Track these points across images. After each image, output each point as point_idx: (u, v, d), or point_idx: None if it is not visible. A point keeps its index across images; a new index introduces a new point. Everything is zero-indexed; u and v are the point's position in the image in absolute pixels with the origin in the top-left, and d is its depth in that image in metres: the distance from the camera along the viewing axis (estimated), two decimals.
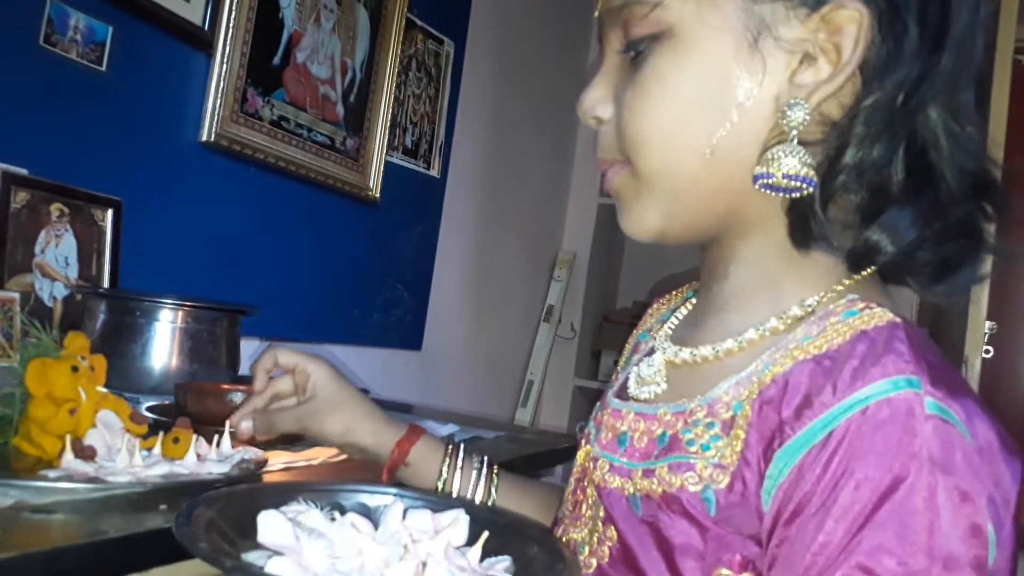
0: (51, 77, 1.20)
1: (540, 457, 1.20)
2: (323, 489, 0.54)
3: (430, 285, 2.15)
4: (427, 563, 0.44)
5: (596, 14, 0.55)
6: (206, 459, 0.71)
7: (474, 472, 0.74)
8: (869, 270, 0.51)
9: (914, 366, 0.43)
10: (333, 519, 0.47)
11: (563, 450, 1.27)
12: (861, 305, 0.48)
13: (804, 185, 0.47)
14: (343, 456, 0.88)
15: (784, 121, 0.48)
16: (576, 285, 2.88)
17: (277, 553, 0.44)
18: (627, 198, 0.54)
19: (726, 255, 0.54)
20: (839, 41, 0.47)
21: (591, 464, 0.56)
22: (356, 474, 0.84)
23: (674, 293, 0.69)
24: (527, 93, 2.52)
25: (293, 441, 0.88)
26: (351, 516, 0.47)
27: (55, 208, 1.20)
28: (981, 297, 2.18)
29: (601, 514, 0.54)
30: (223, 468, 0.70)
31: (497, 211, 2.46)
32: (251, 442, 0.77)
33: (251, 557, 0.44)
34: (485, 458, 0.75)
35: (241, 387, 0.93)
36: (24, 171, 1.16)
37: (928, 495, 0.40)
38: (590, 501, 0.55)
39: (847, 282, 0.51)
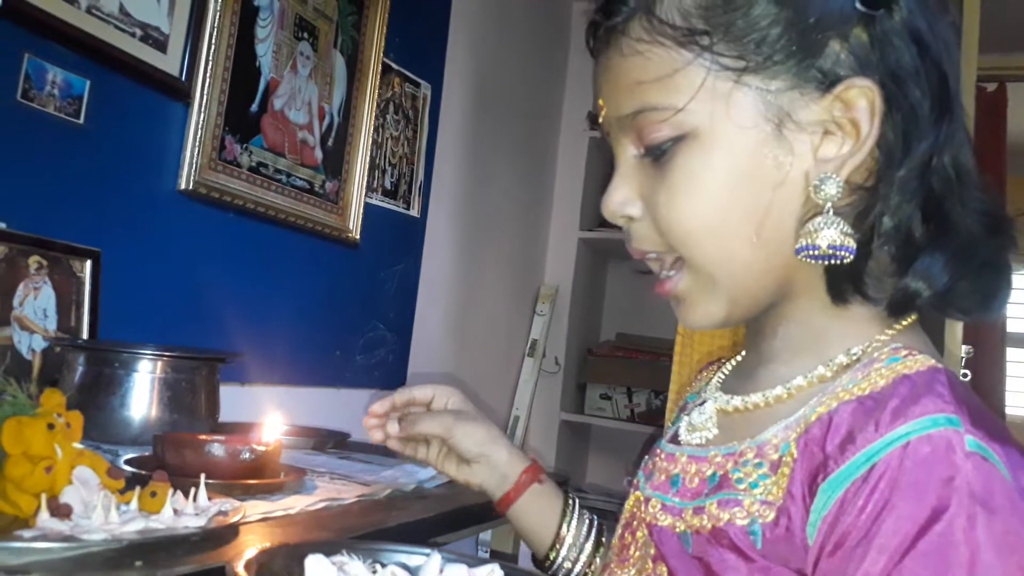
0: (29, 131, 1.21)
1: None
2: (364, 548, 0.56)
3: (412, 324, 2.15)
4: None
5: (600, 120, 0.57)
6: (183, 512, 0.72)
7: (586, 522, 0.78)
8: (911, 319, 0.55)
9: (955, 407, 0.44)
10: (375, 572, 0.50)
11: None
12: (904, 352, 0.51)
13: (846, 253, 0.51)
14: (320, 505, 0.88)
15: (817, 195, 0.51)
16: (559, 319, 2.90)
17: None
18: (691, 296, 0.57)
19: (773, 317, 0.58)
20: (854, 116, 0.51)
21: (642, 506, 0.59)
22: (334, 524, 0.84)
23: (722, 360, 0.72)
24: (504, 131, 2.56)
25: (272, 491, 0.88)
26: (392, 567, 0.50)
27: (33, 261, 1.21)
28: (956, 321, 2.21)
29: (652, 552, 0.56)
30: (200, 521, 0.71)
31: (478, 248, 2.48)
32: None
33: None
34: (595, 516, 0.80)
35: (219, 437, 0.93)
36: (2, 225, 1.17)
37: (968, 528, 0.41)
38: (640, 542, 0.58)
39: (890, 332, 0.54)
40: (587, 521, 0.81)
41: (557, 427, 2.90)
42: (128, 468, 0.86)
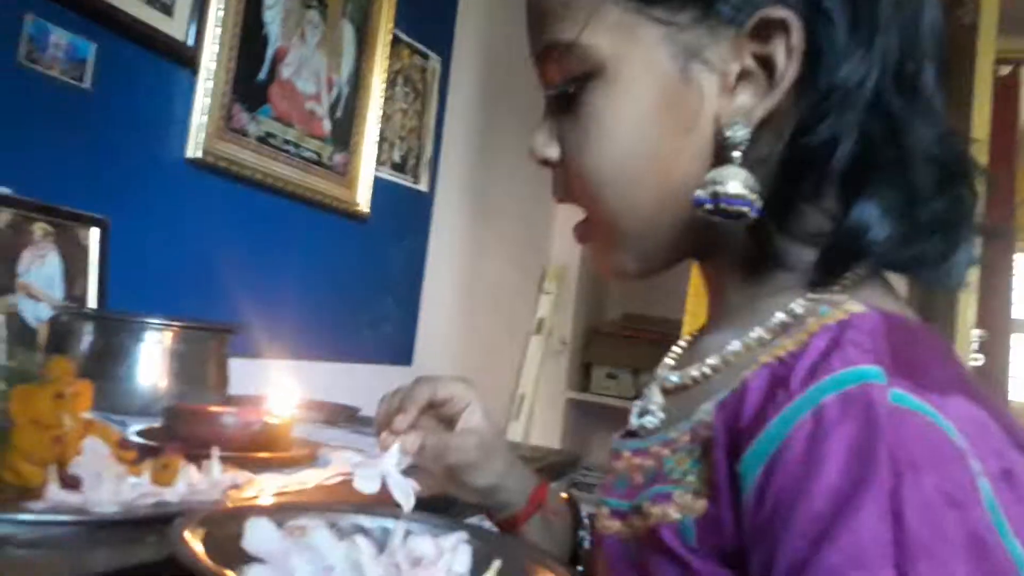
0: (33, 95, 1.18)
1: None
2: (325, 513, 0.53)
3: (419, 299, 2.13)
4: None
5: (529, 56, 0.53)
6: (196, 486, 0.69)
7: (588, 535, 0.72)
8: (864, 271, 0.47)
9: (874, 355, 0.38)
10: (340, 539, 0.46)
11: (557, 465, 1.25)
12: (838, 301, 0.44)
13: (746, 209, 0.45)
14: (336, 479, 0.86)
15: (725, 142, 0.46)
16: (566, 298, 2.87)
17: (259, 561, 0.42)
18: (600, 248, 0.53)
19: (719, 273, 0.52)
20: (771, 52, 0.45)
21: (597, 514, 0.53)
22: (350, 499, 0.82)
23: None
24: (514, 106, 2.52)
25: (286, 464, 0.86)
26: (357, 536, 0.46)
27: (39, 228, 1.18)
28: (968, 305, 2.19)
29: (605, 565, 0.51)
30: (213, 495, 0.68)
31: (486, 224, 2.45)
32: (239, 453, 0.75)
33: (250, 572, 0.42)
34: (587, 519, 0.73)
35: (231, 408, 0.91)
36: (7, 190, 1.14)
37: (893, 493, 0.34)
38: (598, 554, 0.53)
39: (840, 287, 0.46)
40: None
41: (563, 406, 2.88)
42: (139, 440, 0.84)
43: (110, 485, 0.65)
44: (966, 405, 0.38)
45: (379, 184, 1.90)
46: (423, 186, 2.10)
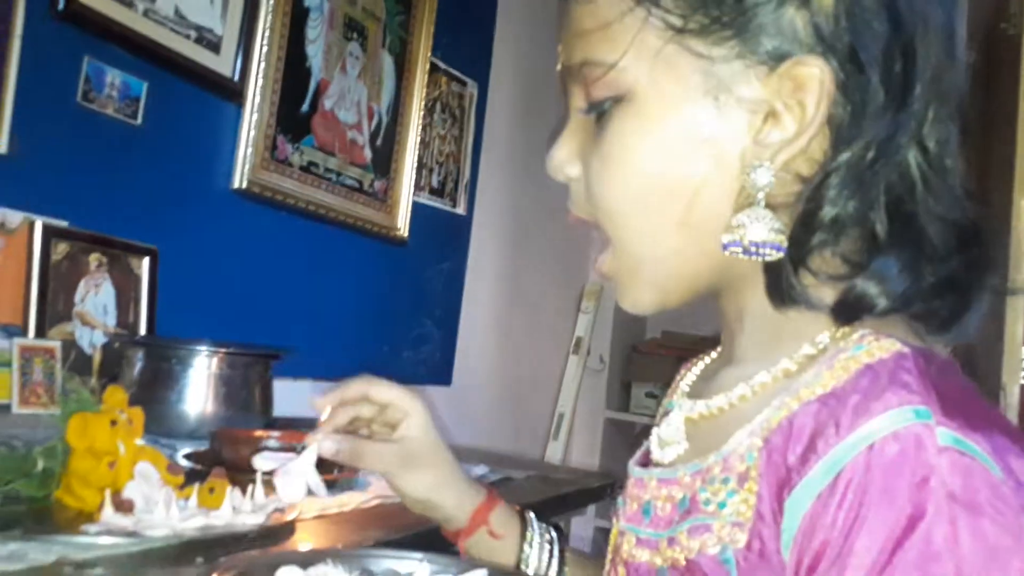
0: (88, 132, 1.24)
1: (571, 497, 1.20)
2: (351, 555, 0.55)
3: (458, 321, 2.16)
4: None
5: (558, 68, 0.53)
6: (241, 509, 0.73)
7: (547, 547, 0.71)
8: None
9: (922, 396, 0.39)
10: None
11: (595, 489, 1.26)
12: (871, 338, 0.45)
13: (772, 251, 0.46)
14: (376, 502, 0.89)
15: (748, 183, 0.46)
16: (604, 316, 2.88)
17: None
18: (620, 279, 0.53)
19: (739, 307, 0.52)
20: (802, 98, 0.45)
21: (621, 541, 0.54)
22: (389, 521, 0.85)
23: (700, 356, 0.66)
24: (549, 129, 2.54)
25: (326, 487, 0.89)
26: None
27: (94, 258, 1.24)
28: (1017, 324, 2.15)
29: None
30: (257, 518, 0.72)
31: (523, 245, 2.48)
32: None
33: None
34: (551, 529, 0.73)
35: (275, 433, 0.94)
36: (64, 223, 1.20)
37: (951, 536, 0.36)
38: None
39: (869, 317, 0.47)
40: (547, 548, 0.72)
41: (602, 425, 2.89)
42: (186, 463, 0.87)
43: (160, 508, 0.68)
44: (1005, 442, 0.39)
45: (418, 209, 1.94)
46: (461, 210, 2.14)
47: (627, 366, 3.01)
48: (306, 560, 0.48)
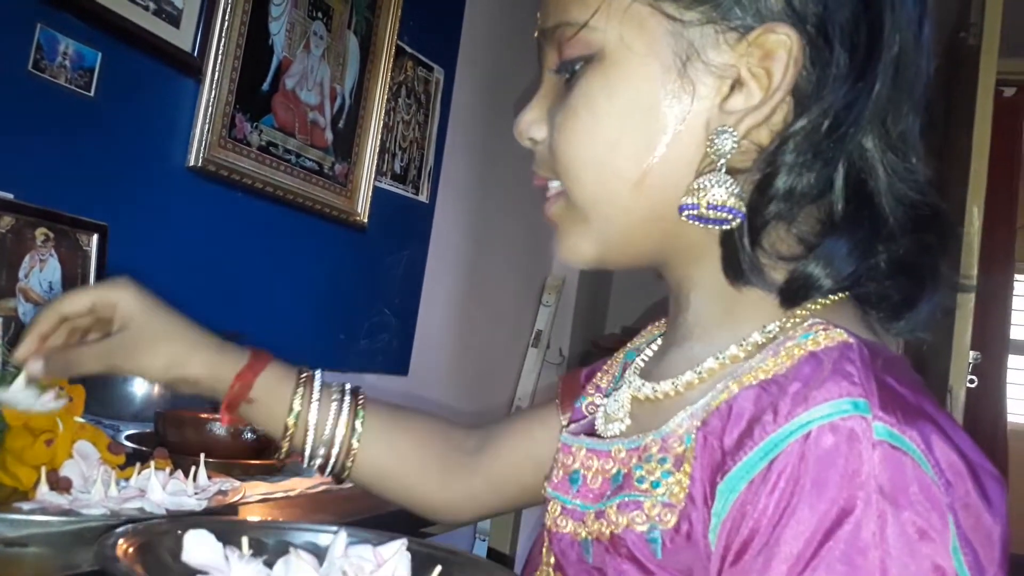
0: (39, 102, 1.20)
1: None
2: (269, 527, 0.53)
3: (417, 310, 2.15)
4: None
5: (535, 34, 0.54)
6: (182, 491, 0.71)
7: (334, 404, 0.65)
8: (841, 296, 0.48)
9: (863, 388, 0.39)
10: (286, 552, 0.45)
11: None
12: (819, 327, 0.45)
13: (731, 216, 0.46)
14: (323, 487, 0.87)
15: (711, 149, 0.46)
16: (565, 310, 2.89)
17: (203, 574, 0.42)
18: (563, 225, 0.53)
19: (685, 283, 0.52)
20: (770, 66, 0.46)
21: (546, 506, 0.53)
22: (337, 507, 0.84)
23: (649, 330, 0.66)
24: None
25: (272, 472, 0.88)
26: (293, 552, 0.45)
27: (40, 233, 1.20)
28: (965, 327, 2.19)
29: (552, 561, 0.51)
30: (199, 500, 0.70)
31: (485, 236, 2.47)
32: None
33: None
34: (347, 386, 0.67)
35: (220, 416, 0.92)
36: (10, 195, 1.16)
37: (878, 530, 0.36)
38: (544, 547, 0.53)
39: (813, 307, 0.48)
40: (335, 405, 0.66)
41: None
42: (129, 444, 0.85)
43: (98, 488, 0.66)
44: (938, 439, 0.39)
45: (379, 194, 1.92)
46: (423, 197, 2.12)
47: (586, 360, 3.01)
48: (220, 529, 0.46)
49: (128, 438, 0.88)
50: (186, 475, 0.73)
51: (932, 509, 0.37)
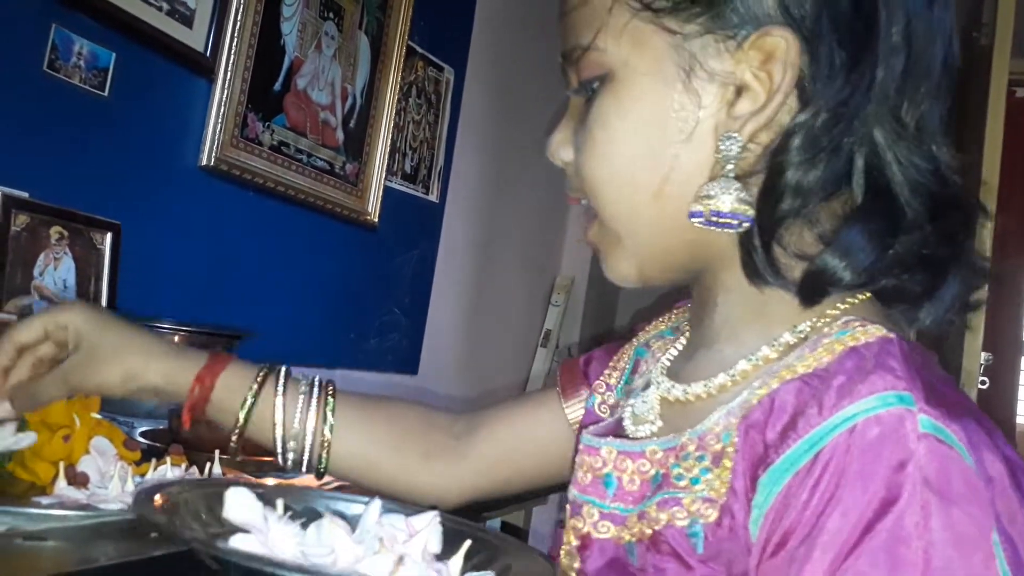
0: (54, 102, 1.21)
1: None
2: (301, 493, 0.54)
3: (427, 309, 2.15)
4: (404, 561, 0.42)
5: (559, 58, 0.55)
6: None
7: (302, 397, 0.64)
8: (865, 295, 0.49)
9: (907, 382, 0.40)
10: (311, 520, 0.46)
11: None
12: (856, 324, 0.45)
13: (739, 222, 0.47)
14: (335, 484, 0.88)
15: (719, 155, 0.47)
16: (574, 310, 2.89)
17: (243, 531, 0.43)
18: (603, 248, 0.54)
19: (713, 286, 0.53)
20: (770, 68, 0.46)
21: (577, 509, 0.53)
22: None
23: (674, 312, 0.66)
24: (526, 119, 2.54)
25: (283, 468, 0.88)
26: (327, 516, 0.46)
27: (55, 231, 1.21)
28: (978, 327, 2.19)
29: (576, 565, 0.51)
30: None
31: (495, 236, 2.47)
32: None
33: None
34: (317, 378, 0.66)
35: None
36: (25, 194, 1.17)
37: (922, 521, 0.36)
38: (570, 547, 0.53)
39: (843, 306, 0.48)
40: (303, 398, 0.65)
41: None
42: (143, 440, 0.86)
43: (115, 483, 0.67)
44: (980, 435, 0.40)
45: (390, 194, 1.92)
46: (434, 197, 2.12)
47: None
48: (256, 493, 0.46)
49: (143, 435, 0.89)
50: (200, 472, 0.74)
51: (975, 502, 0.37)
